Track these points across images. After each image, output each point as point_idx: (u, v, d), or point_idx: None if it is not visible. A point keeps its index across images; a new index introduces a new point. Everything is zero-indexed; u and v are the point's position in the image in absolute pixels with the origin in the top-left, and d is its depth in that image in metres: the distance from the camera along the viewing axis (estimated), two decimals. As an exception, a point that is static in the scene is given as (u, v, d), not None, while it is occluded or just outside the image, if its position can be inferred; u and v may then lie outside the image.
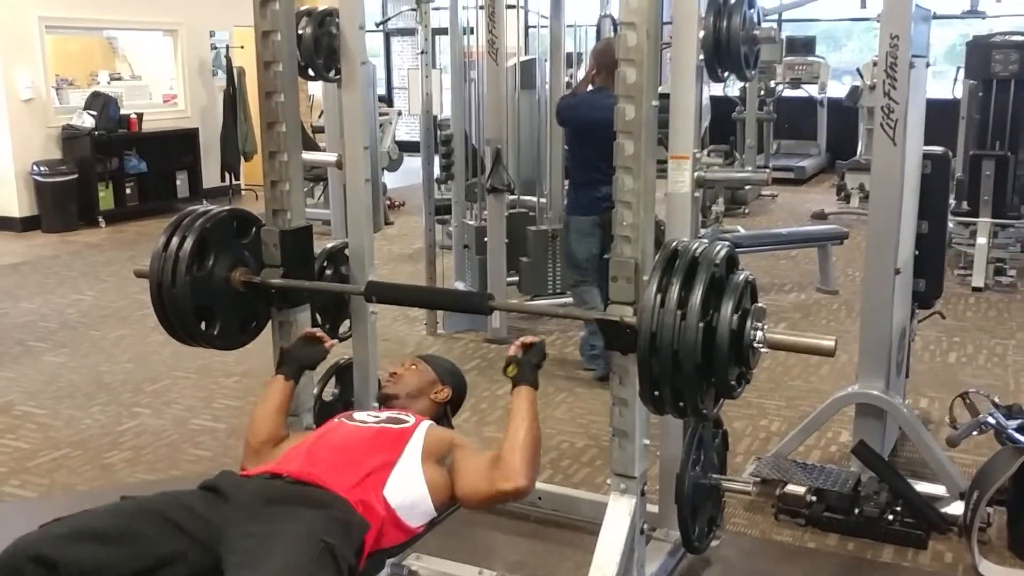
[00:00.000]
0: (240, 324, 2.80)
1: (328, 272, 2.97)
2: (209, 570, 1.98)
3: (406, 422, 2.46)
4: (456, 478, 2.36)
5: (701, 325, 2.04)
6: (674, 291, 2.07)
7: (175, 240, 2.61)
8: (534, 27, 8.81)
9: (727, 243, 2.21)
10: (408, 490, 2.29)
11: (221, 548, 1.98)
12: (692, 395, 2.10)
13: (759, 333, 2.12)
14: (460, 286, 5.80)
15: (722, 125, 10.48)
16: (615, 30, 6.17)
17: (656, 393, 2.13)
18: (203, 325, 2.70)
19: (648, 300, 2.09)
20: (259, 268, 2.74)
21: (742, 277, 2.15)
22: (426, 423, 2.48)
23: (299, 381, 2.66)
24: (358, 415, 2.55)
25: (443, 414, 2.71)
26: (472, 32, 5.92)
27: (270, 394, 2.60)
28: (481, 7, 5.41)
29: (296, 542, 1.95)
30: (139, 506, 2.06)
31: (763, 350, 2.14)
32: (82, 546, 1.89)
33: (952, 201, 6.39)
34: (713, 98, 10.33)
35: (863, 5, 10.40)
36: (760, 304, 2.18)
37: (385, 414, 2.54)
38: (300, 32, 3.00)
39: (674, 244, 2.17)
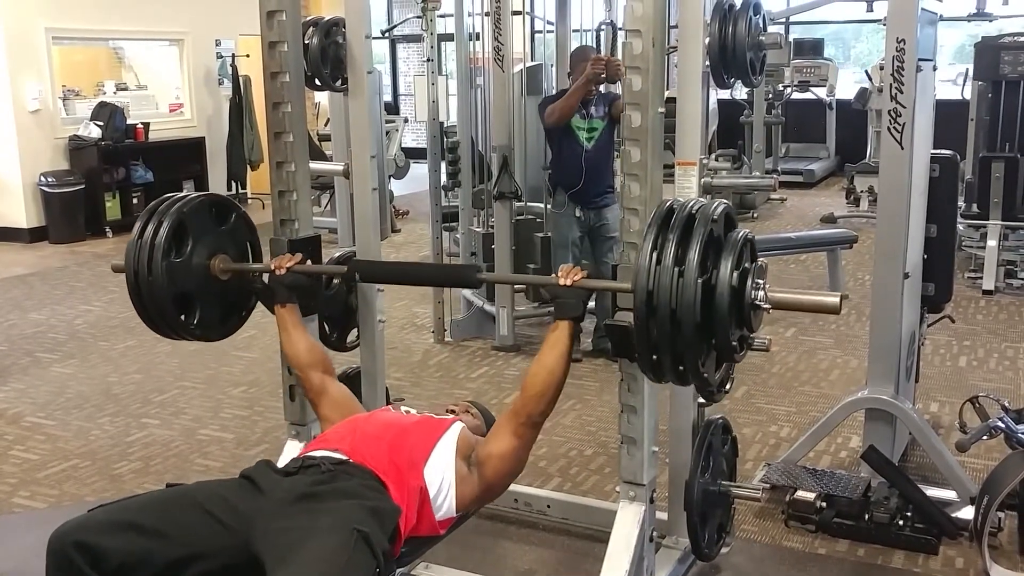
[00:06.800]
0: (221, 315, 2.74)
1: (335, 281, 2.96)
2: (243, 560, 2.05)
3: (446, 418, 2.55)
4: (487, 447, 2.40)
5: (700, 282, 1.95)
6: (670, 248, 1.98)
7: (150, 227, 2.54)
8: (540, 32, 8.81)
9: (725, 201, 2.12)
10: (443, 474, 2.34)
11: (255, 541, 2.04)
12: (692, 358, 2.01)
13: (760, 292, 2.04)
14: (467, 292, 5.79)
15: (730, 129, 10.48)
16: (614, 36, 6.18)
17: (655, 357, 2.04)
18: (183, 316, 2.63)
19: (644, 258, 1.99)
20: (240, 256, 2.71)
21: (741, 234, 2.07)
22: (461, 424, 2.53)
23: (294, 301, 2.67)
24: (403, 407, 2.70)
25: None
26: (478, 38, 5.92)
27: (279, 326, 2.69)
28: (487, 13, 5.42)
29: (331, 533, 2.01)
30: (179, 496, 2.16)
31: (766, 307, 2.06)
32: (122, 535, 2.00)
33: (962, 203, 6.36)
34: (720, 102, 10.36)
35: (869, 8, 10.37)
36: (761, 262, 2.10)
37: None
38: (306, 42, 3.01)
39: (669, 202, 2.10)
